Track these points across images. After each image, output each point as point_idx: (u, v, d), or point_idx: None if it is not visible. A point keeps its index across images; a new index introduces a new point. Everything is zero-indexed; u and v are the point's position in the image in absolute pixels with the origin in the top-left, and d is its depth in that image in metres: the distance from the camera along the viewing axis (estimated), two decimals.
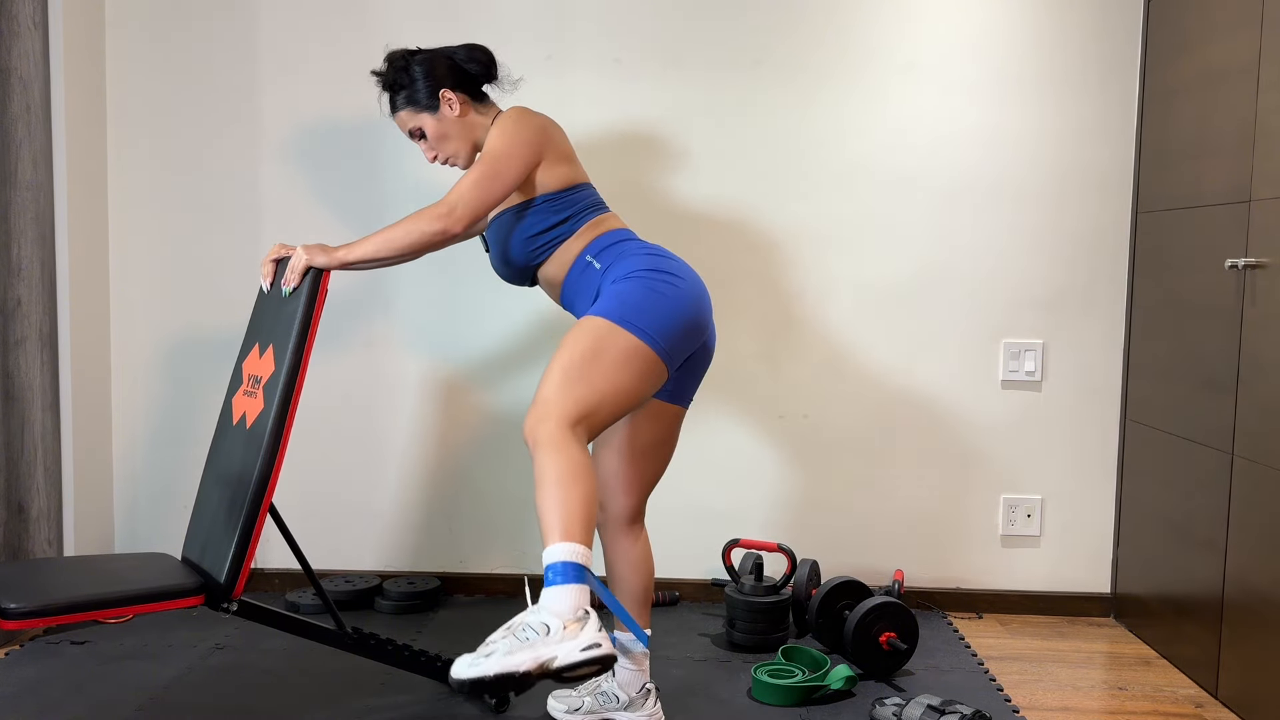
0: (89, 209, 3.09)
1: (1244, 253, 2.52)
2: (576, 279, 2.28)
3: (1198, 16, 2.79)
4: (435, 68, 2.33)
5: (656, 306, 2.14)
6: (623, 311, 2.12)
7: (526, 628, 1.80)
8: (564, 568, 1.85)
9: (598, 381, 2.05)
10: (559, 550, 1.87)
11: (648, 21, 3.12)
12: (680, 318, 2.17)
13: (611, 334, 2.09)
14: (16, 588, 1.98)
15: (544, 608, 1.82)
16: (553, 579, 1.85)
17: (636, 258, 2.23)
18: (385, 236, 2.17)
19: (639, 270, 2.19)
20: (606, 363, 2.06)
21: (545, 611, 1.82)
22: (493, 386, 3.22)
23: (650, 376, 2.14)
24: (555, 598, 1.83)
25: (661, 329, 2.13)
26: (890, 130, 3.12)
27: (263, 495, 2.11)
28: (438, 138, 2.35)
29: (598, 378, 2.05)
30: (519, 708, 2.46)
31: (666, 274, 2.20)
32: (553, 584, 1.84)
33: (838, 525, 3.22)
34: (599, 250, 2.26)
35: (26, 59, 2.79)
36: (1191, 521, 2.75)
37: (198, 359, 3.24)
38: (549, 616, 1.81)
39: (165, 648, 2.79)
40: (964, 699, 2.55)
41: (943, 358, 3.17)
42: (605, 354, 2.07)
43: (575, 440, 1.98)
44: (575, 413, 2.00)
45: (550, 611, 1.81)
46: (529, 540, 3.25)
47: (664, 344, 2.14)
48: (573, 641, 1.78)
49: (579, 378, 2.04)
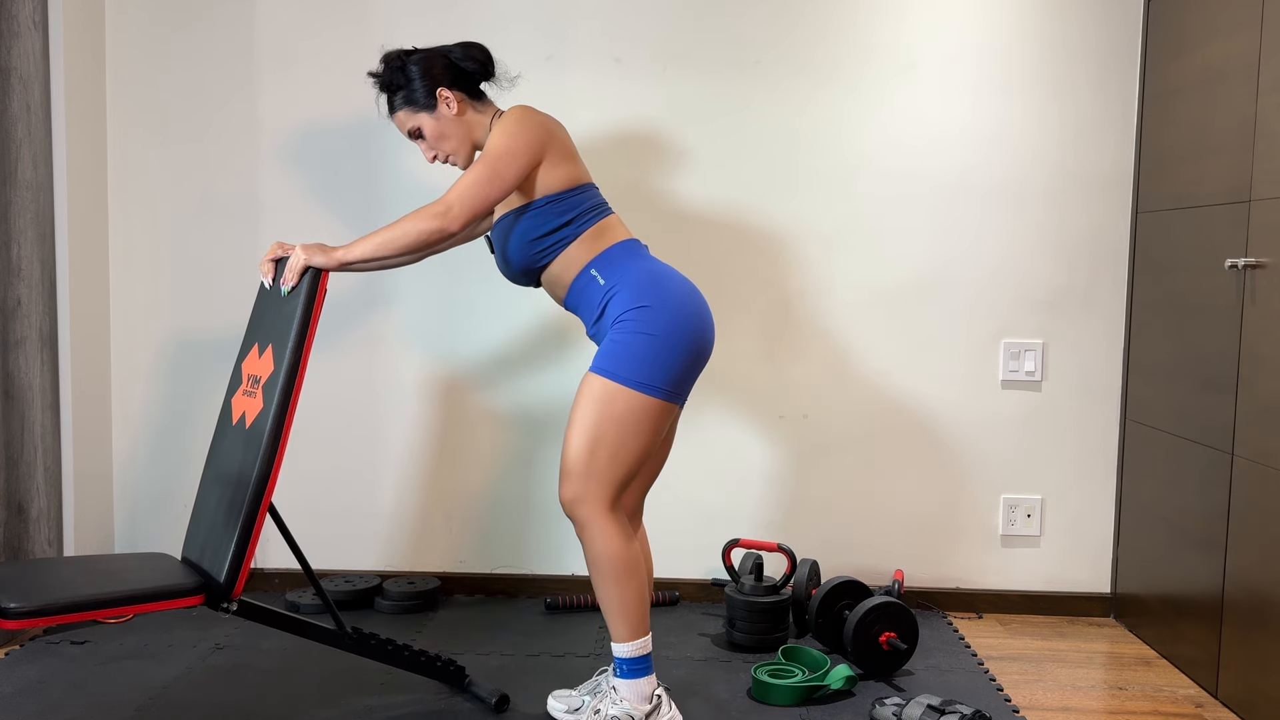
0: (89, 209, 3.09)
1: (1244, 253, 2.52)
2: (581, 289, 2.29)
3: (1198, 16, 2.79)
4: (432, 67, 2.32)
5: (657, 353, 2.19)
6: (626, 370, 2.18)
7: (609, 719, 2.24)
8: (637, 662, 2.26)
9: (620, 452, 2.19)
10: (630, 648, 2.25)
11: (648, 21, 3.12)
12: (681, 356, 2.21)
13: (623, 399, 2.18)
14: (16, 588, 1.98)
15: (625, 699, 2.25)
16: (628, 672, 2.26)
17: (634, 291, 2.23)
18: (383, 236, 2.17)
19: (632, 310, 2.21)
20: (626, 432, 2.19)
21: (626, 704, 2.25)
22: (493, 386, 3.22)
23: (665, 422, 2.25)
24: (632, 689, 2.26)
25: (666, 376, 2.21)
26: (890, 130, 3.12)
27: (262, 495, 2.11)
28: (436, 137, 2.34)
29: (620, 449, 2.19)
30: (519, 708, 2.46)
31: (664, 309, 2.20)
32: (628, 677, 2.26)
33: (838, 525, 3.22)
34: (603, 265, 2.27)
35: (26, 58, 2.79)
36: (1191, 521, 2.75)
37: (198, 359, 3.24)
38: (630, 709, 2.25)
39: (165, 648, 2.79)
40: (964, 699, 2.55)
41: (943, 358, 3.17)
42: (622, 423, 2.19)
43: (616, 522, 2.22)
44: (610, 492, 2.21)
45: (630, 704, 2.25)
46: (529, 540, 3.25)
47: (674, 388, 2.22)
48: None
49: (603, 454, 2.18)
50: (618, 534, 2.21)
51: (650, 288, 2.23)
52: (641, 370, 2.17)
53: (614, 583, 2.22)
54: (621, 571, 2.21)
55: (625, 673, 2.26)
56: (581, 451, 2.19)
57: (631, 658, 2.25)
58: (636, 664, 2.26)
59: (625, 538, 2.22)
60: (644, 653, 2.26)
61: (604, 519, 2.20)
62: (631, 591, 2.23)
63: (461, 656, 2.73)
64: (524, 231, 2.28)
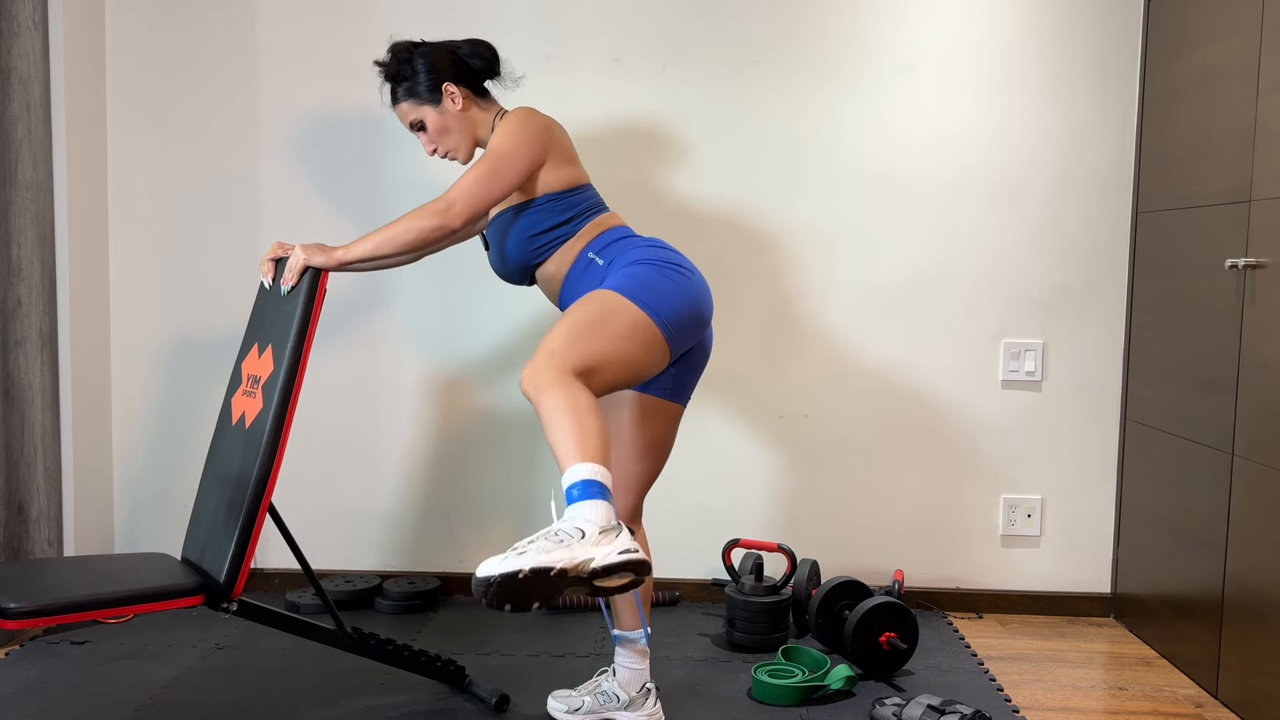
0: (89, 209, 3.09)
1: (1244, 253, 2.52)
2: (579, 276, 2.28)
3: (1198, 16, 2.79)
4: (438, 61, 2.33)
5: (666, 289, 2.15)
6: (633, 287, 2.13)
7: (560, 531, 1.72)
8: (588, 485, 1.78)
9: (603, 343, 2.03)
10: (581, 470, 1.80)
11: (648, 21, 3.12)
12: (688, 304, 2.18)
13: (620, 304, 2.10)
14: (16, 588, 1.98)
15: (575, 516, 1.75)
16: (578, 496, 1.77)
17: (643, 249, 2.24)
18: (384, 235, 2.17)
19: (648, 258, 2.21)
20: (614, 328, 2.06)
21: (578, 518, 1.74)
22: (493, 386, 3.22)
23: (654, 353, 2.13)
24: (585, 509, 1.76)
25: (669, 311, 2.14)
26: (890, 130, 3.12)
27: (262, 495, 2.12)
28: (438, 131, 2.35)
29: (603, 339, 2.03)
30: (519, 708, 2.46)
31: (674, 264, 2.22)
32: (579, 500, 1.77)
33: (838, 525, 3.22)
34: (602, 247, 2.27)
35: (26, 58, 2.79)
36: (1191, 521, 2.75)
37: (198, 359, 3.24)
38: (582, 522, 1.73)
39: (165, 648, 2.79)
40: (964, 699, 2.55)
41: (943, 357, 3.17)
42: (613, 320, 2.07)
43: (580, 385, 1.93)
44: (578, 365, 1.96)
45: (583, 518, 1.74)
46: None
47: (670, 325, 2.14)
48: (609, 546, 1.73)
49: (585, 335, 2.02)
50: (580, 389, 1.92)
51: (657, 250, 2.25)
52: (651, 296, 2.13)
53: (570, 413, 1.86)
54: (581, 406, 1.88)
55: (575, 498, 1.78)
56: (558, 335, 2.00)
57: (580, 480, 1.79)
58: (585, 487, 1.78)
59: (589, 393, 1.94)
60: (599, 478, 1.80)
61: (567, 378, 1.92)
62: (591, 421, 1.86)
63: (461, 656, 2.73)
64: (523, 228, 2.28)
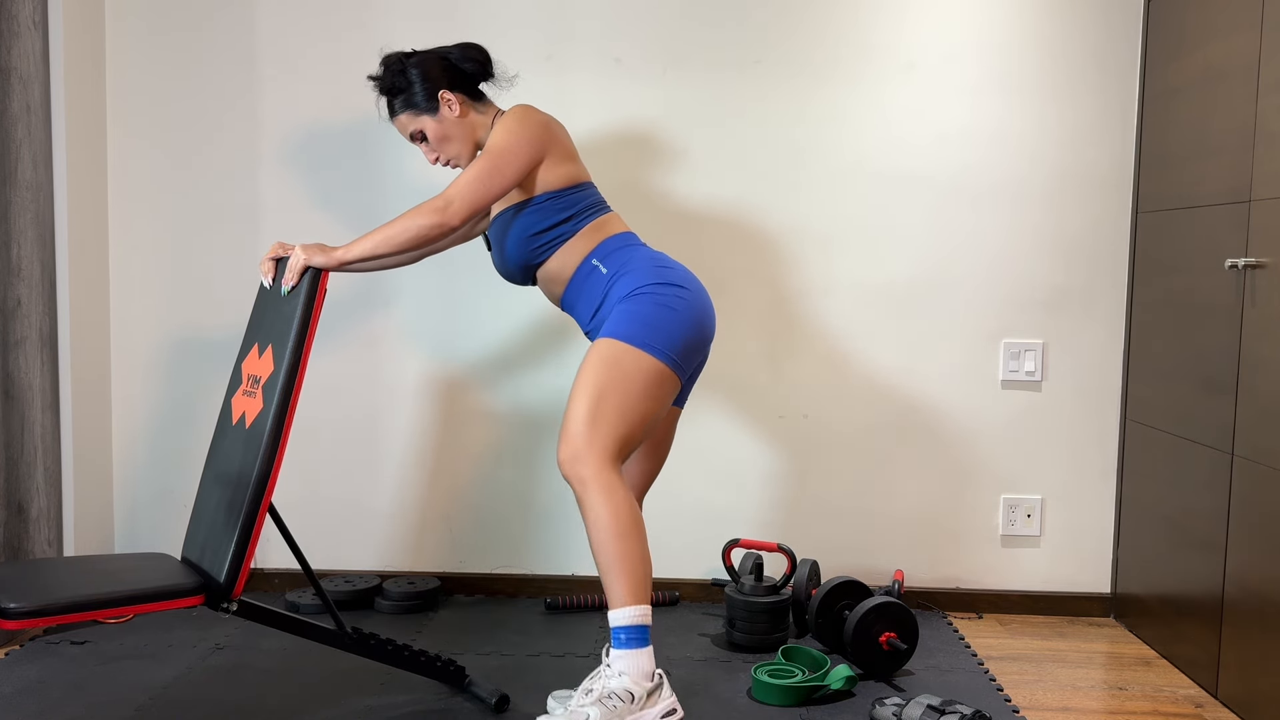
0: (89, 209, 3.09)
1: (1244, 253, 2.52)
2: (581, 282, 2.29)
3: (1198, 16, 2.79)
4: (431, 69, 2.33)
5: (668, 322, 2.18)
6: (638, 332, 2.17)
7: (613, 696, 2.08)
8: (637, 631, 2.10)
9: (626, 412, 2.12)
10: (630, 614, 2.10)
11: (648, 21, 3.12)
12: (692, 330, 2.21)
13: (631, 359, 2.14)
14: (16, 588, 1.98)
15: (623, 672, 2.09)
16: (626, 642, 2.10)
17: (643, 271, 2.24)
18: (383, 234, 2.17)
19: (646, 285, 2.21)
20: (632, 391, 2.13)
21: (625, 677, 2.09)
22: (493, 386, 3.22)
23: (670, 393, 2.21)
24: (632, 662, 2.10)
25: (675, 345, 2.19)
26: (890, 130, 3.12)
27: (262, 495, 2.11)
28: (439, 139, 2.35)
29: (625, 408, 2.12)
30: (519, 708, 2.46)
31: (674, 286, 2.22)
32: (626, 646, 2.10)
33: (838, 525, 3.22)
34: (605, 255, 2.28)
35: (26, 59, 2.79)
36: (1191, 521, 2.75)
37: (198, 359, 3.24)
38: (630, 684, 2.09)
39: (165, 648, 2.79)
40: (964, 699, 2.55)
41: (943, 358, 3.17)
42: (629, 381, 2.13)
43: (620, 480, 2.11)
44: (612, 449, 2.10)
45: (630, 678, 2.09)
46: (529, 540, 3.25)
47: (679, 357, 2.20)
48: (654, 709, 2.12)
49: (607, 410, 2.10)
50: (620, 490, 2.11)
51: (657, 269, 2.26)
52: (649, 334, 2.16)
53: (616, 539, 2.09)
54: (624, 529, 2.09)
55: (624, 642, 2.11)
56: (583, 410, 2.11)
57: (631, 625, 2.11)
58: (635, 633, 2.11)
59: (628, 495, 2.13)
60: (644, 621, 2.12)
61: (606, 474, 2.10)
62: (634, 551, 2.10)
63: (461, 656, 2.73)
64: (523, 227, 2.29)
